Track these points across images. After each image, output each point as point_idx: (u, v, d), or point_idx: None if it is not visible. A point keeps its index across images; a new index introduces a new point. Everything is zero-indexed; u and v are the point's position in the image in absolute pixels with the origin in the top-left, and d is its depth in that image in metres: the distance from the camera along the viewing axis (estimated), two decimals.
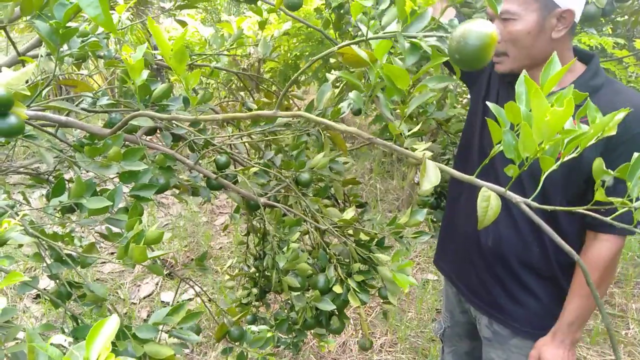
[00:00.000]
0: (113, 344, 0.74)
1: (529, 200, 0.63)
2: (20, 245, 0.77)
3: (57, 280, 0.97)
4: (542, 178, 0.63)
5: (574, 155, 0.61)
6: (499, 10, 0.63)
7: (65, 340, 0.60)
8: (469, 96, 1.94)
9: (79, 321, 0.86)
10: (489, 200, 0.63)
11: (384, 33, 0.63)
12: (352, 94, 0.74)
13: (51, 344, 0.58)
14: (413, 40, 0.61)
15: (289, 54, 3.60)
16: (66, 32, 0.85)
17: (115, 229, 0.90)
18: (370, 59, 0.67)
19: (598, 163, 0.65)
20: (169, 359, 0.74)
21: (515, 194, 0.70)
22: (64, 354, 0.57)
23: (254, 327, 1.25)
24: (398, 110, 0.83)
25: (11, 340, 0.80)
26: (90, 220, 0.85)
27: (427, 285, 2.94)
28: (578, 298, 1.22)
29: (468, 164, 1.40)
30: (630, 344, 2.54)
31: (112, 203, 0.83)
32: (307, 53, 3.53)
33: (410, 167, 3.97)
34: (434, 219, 1.77)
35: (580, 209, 0.64)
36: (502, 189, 0.64)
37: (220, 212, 4.05)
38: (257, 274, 1.72)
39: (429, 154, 1.46)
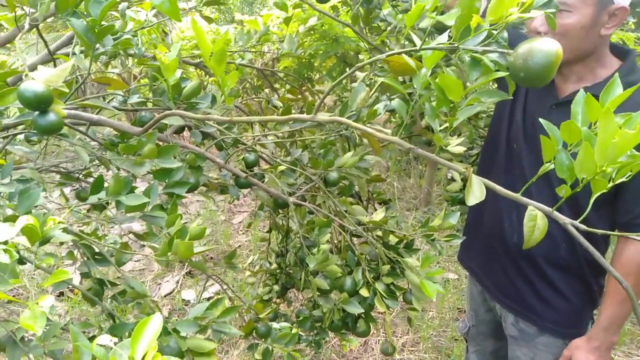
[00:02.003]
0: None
1: (576, 223, 0.62)
2: (62, 243, 0.77)
3: (91, 278, 0.97)
4: (592, 200, 0.61)
5: (624, 179, 0.59)
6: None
7: (111, 340, 0.59)
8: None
9: (116, 319, 0.86)
10: (535, 220, 0.62)
11: (439, 44, 0.61)
12: (395, 103, 0.73)
13: (97, 344, 0.58)
14: (475, 55, 0.60)
15: (303, 52, 3.59)
16: (102, 29, 0.84)
17: (143, 227, 0.90)
18: (417, 69, 0.66)
19: None
20: (210, 353, 0.74)
21: (546, 194, 0.67)
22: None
23: (275, 324, 1.25)
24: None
25: (51, 338, 0.80)
26: (127, 218, 0.85)
27: (448, 284, 2.92)
28: (613, 304, 1.20)
29: (495, 160, 1.39)
30: None
31: (149, 200, 0.82)
32: (321, 52, 3.52)
33: (429, 167, 3.93)
34: (463, 215, 1.75)
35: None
36: (549, 209, 0.63)
37: (238, 211, 4.06)
38: (278, 271, 1.71)
39: (458, 162, 1.42)
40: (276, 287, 1.71)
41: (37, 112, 0.75)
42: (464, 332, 1.72)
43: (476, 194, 0.62)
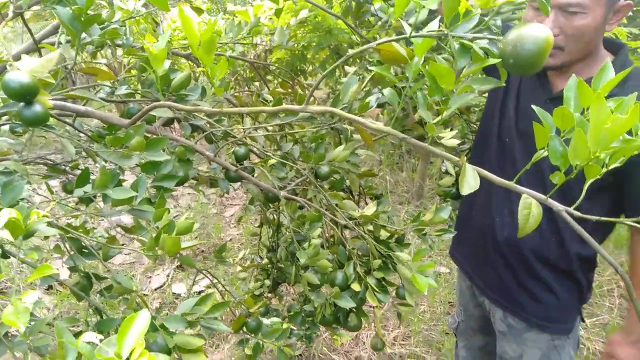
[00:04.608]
0: None
1: (571, 210, 0.62)
2: (46, 237, 0.75)
3: (78, 272, 0.96)
4: (585, 187, 0.60)
5: (617, 165, 0.58)
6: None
7: (97, 337, 0.58)
8: None
9: (103, 314, 0.85)
10: (530, 208, 0.62)
11: (429, 32, 0.60)
12: (386, 92, 0.72)
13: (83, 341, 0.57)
14: (464, 41, 0.58)
15: (295, 44, 3.56)
16: (88, 18, 0.82)
17: (132, 220, 0.89)
18: (409, 57, 0.65)
19: None
20: (198, 350, 0.73)
21: (536, 187, 0.67)
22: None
23: (266, 320, 1.24)
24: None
25: (36, 334, 0.78)
26: (114, 211, 0.83)
27: (439, 278, 2.93)
28: None
29: (486, 153, 1.38)
30: None
31: (136, 193, 0.81)
32: (314, 43, 3.49)
33: (422, 161, 3.93)
34: (454, 209, 1.75)
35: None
36: (543, 197, 0.63)
37: (229, 204, 4.04)
38: (269, 266, 1.70)
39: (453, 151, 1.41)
40: (267, 282, 1.71)
41: (22, 103, 0.73)
42: (454, 327, 1.73)
43: (470, 182, 0.61)
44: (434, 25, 0.64)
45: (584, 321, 1.41)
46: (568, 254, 1.25)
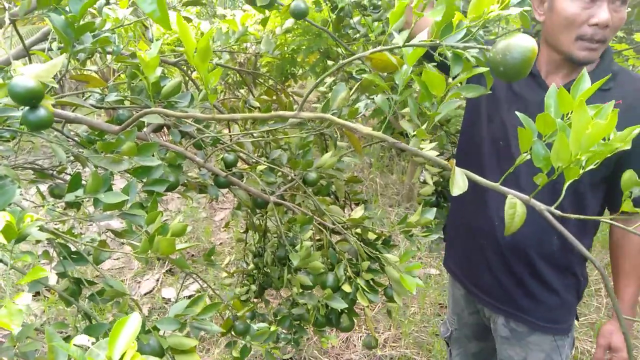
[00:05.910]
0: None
1: (551, 208, 0.65)
2: (38, 241, 0.76)
3: (67, 278, 0.96)
4: (564, 188, 0.63)
5: (593, 167, 0.62)
6: None
7: (88, 340, 0.59)
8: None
9: (92, 319, 0.85)
10: (515, 208, 0.65)
11: (420, 41, 0.64)
12: (378, 98, 0.75)
13: (74, 345, 0.57)
14: (457, 50, 0.63)
15: (285, 48, 3.58)
16: (82, 26, 0.84)
17: (122, 224, 0.89)
18: (399, 65, 0.68)
19: (629, 175, 0.67)
20: (191, 351, 0.74)
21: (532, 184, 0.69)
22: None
23: (253, 325, 1.25)
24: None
25: (24, 339, 0.79)
26: (105, 216, 0.84)
27: (429, 280, 2.95)
28: (635, 279, 1.22)
29: (474, 159, 1.36)
30: (634, 337, 2.57)
31: (128, 198, 0.82)
32: (304, 47, 3.51)
33: (411, 163, 3.97)
34: (437, 217, 1.76)
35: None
36: (526, 197, 0.66)
37: (220, 208, 4.04)
38: (255, 271, 1.72)
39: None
40: (254, 287, 1.72)
41: (27, 108, 0.74)
42: (446, 336, 1.70)
43: (459, 184, 0.64)
44: (423, 35, 0.68)
45: (577, 320, 1.42)
46: (569, 249, 1.26)
